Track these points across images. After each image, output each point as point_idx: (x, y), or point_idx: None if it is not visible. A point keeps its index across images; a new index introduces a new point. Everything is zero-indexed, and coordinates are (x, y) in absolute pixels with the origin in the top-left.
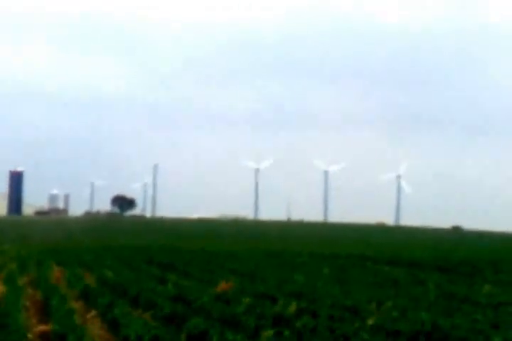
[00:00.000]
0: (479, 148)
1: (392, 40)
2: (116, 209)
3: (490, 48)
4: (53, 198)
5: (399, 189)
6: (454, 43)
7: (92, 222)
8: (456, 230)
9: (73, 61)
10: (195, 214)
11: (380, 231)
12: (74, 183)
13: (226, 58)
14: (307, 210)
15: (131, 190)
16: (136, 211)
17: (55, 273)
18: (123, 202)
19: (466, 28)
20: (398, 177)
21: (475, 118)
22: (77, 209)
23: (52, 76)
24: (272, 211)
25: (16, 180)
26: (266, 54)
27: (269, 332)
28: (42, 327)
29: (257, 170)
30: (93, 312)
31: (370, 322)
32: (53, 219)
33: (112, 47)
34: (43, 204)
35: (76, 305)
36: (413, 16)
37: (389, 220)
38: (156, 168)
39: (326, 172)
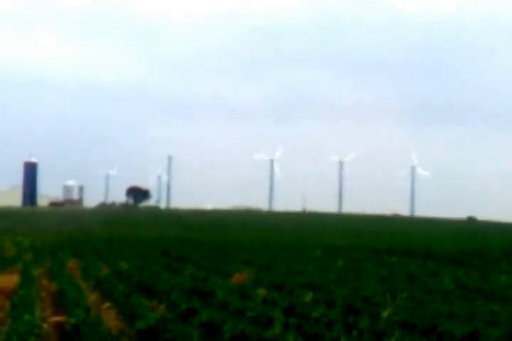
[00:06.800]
0: (495, 138)
1: (412, 29)
2: (131, 200)
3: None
4: (68, 189)
5: (413, 179)
6: (473, 32)
7: (107, 213)
8: (471, 221)
9: (87, 52)
10: (209, 206)
11: (395, 222)
12: (88, 174)
13: (242, 48)
14: (322, 201)
15: (146, 180)
16: (150, 202)
17: (70, 264)
18: (137, 193)
19: (488, 16)
20: (413, 167)
21: (492, 109)
22: (91, 201)
23: (66, 67)
24: (287, 202)
25: (31, 171)
26: (282, 43)
27: (279, 324)
28: (57, 318)
29: (271, 161)
30: (108, 304)
31: (385, 314)
32: (68, 210)
33: (126, 37)
34: (58, 195)
35: (91, 296)
36: (432, 5)
37: (404, 211)
38: (170, 158)
39: (340, 163)
